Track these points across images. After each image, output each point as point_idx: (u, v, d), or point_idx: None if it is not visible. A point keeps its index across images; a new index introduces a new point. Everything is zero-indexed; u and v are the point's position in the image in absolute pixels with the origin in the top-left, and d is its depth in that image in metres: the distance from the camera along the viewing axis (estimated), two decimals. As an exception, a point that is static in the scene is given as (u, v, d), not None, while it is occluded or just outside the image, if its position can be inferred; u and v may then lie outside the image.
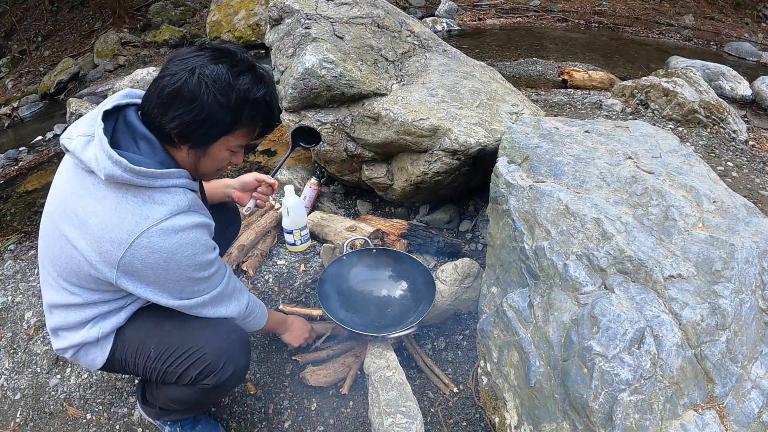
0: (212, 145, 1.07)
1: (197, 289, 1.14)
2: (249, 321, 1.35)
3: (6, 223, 3.01)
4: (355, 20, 2.45)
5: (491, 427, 1.49)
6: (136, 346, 1.21)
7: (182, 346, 1.19)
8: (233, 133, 1.07)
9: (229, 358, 1.21)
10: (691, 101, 3.28)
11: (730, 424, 1.08)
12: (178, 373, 1.19)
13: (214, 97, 0.98)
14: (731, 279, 1.19)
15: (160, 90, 0.99)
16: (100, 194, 1.01)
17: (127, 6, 8.34)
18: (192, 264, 1.06)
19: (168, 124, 1.00)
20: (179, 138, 1.04)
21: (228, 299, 1.24)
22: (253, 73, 1.05)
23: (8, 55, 8.11)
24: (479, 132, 2.00)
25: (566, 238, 1.34)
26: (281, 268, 2.15)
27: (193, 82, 0.97)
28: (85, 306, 1.15)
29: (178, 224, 1.03)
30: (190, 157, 1.09)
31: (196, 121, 1.00)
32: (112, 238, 1.00)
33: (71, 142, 1.02)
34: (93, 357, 1.23)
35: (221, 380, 1.21)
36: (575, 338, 1.17)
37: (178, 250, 1.03)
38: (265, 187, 1.52)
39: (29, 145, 4.52)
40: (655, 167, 1.56)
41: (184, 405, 1.30)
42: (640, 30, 7.90)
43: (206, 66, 0.99)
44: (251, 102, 1.03)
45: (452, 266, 1.85)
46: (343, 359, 1.70)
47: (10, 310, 2.10)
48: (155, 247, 1.01)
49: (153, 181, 1.01)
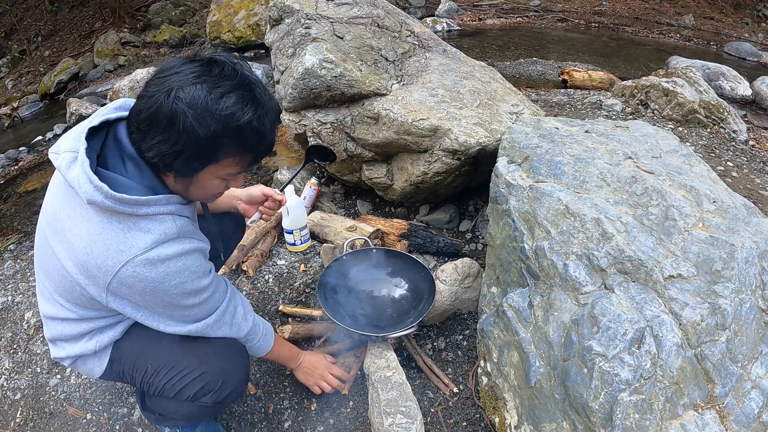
0: (198, 175, 0.97)
1: (189, 314, 1.10)
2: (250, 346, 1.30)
3: (6, 223, 3.01)
4: (355, 20, 2.45)
5: (491, 427, 1.49)
6: (133, 360, 1.19)
7: (179, 363, 1.17)
8: (219, 162, 0.96)
9: (228, 377, 1.20)
10: (691, 101, 3.28)
11: (730, 424, 1.08)
12: (175, 390, 1.18)
13: (190, 126, 0.87)
14: (731, 279, 1.19)
15: (137, 113, 0.91)
16: (86, 216, 0.95)
17: (127, 6, 8.34)
18: (181, 292, 1.02)
19: (147, 153, 0.92)
20: (162, 166, 0.95)
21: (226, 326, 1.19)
22: (239, 92, 0.90)
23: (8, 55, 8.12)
24: (479, 132, 2.00)
25: (566, 238, 1.34)
26: (281, 268, 2.15)
27: (168, 107, 0.86)
28: (81, 321, 1.14)
29: (164, 254, 0.96)
30: (179, 184, 1.01)
31: (174, 151, 0.90)
32: (98, 264, 0.95)
33: (57, 158, 0.95)
34: (91, 367, 1.22)
35: (219, 398, 1.20)
36: (575, 338, 1.17)
37: (165, 280, 0.98)
38: (271, 202, 1.49)
39: (29, 145, 4.52)
40: (655, 167, 1.56)
41: (183, 417, 1.30)
42: (640, 30, 7.90)
43: (183, 88, 0.87)
44: (233, 130, 0.90)
45: (452, 266, 1.85)
46: (343, 359, 1.70)
47: (10, 310, 2.10)
48: (141, 276, 0.96)
49: (137, 208, 0.94)
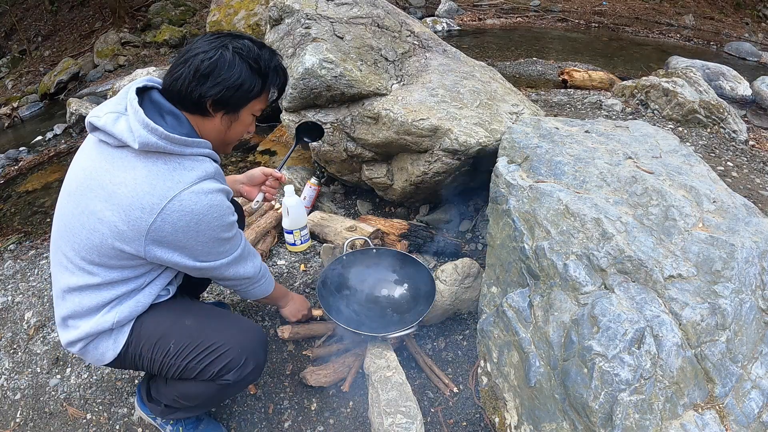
0: (244, 109, 1.19)
1: (222, 250, 1.20)
2: (261, 284, 1.41)
3: (6, 223, 3.01)
4: (355, 20, 2.45)
5: (491, 427, 1.49)
6: (155, 341, 1.21)
7: (204, 342, 1.21)
8: (260, 96, 1.20)
9: (251, 353, 1.24)
10: (691, 101, 3.28)
11: (730, 424, 1.08)
12: (199, 369, 1.20)
13: (248, 65, 1.13)
14: (731, 279, 1.19)
15: (198, 65, 1.10)
16: (130, 165, 1.08)
17: (127, 6, 8.34)
18: (220, 225, 1.13)
19: (208, 92, 1.11)
20: (215, 105, 1.14)
21: (246, 260, 1.30)
22: (267, 48, 1.22)
23: (8, 55, 8.11)
24: (479, 132, 2.00)
25: (566, 238, 1.34)
26: (281, 268, 2.15)
27: (229, 55, 1.11)
28: (102, 287, 1.16)
29: (208, 187, 1.10)
30: (223, 124, 1.19)
31: (235, 85, 1.12)
32: (142, 205, 1.05)
33: (100, 119, 1.09)
34: (103, 350, 1.22)
35: (242, 375, 1.23)
36: (575, 338, 1.17)
37: (209, 212, 1.10)
38: (272, 181, 1.59)
39: (29, 145, 4.51)
40: (655, 167, 1.56)
41: (198, 401, 1.31)
42: (640, 30, 7.90)
43: (235, 41, 1.14)
44: (273, 69, 1.19)
45: (452, 266, 1.85)
46: (344, 359, 1.70)
47: (10, 310, 2.10)
48: (188, 209, 1.07)
49: (184, 148, 1.10)
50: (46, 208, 3.09)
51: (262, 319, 1.92)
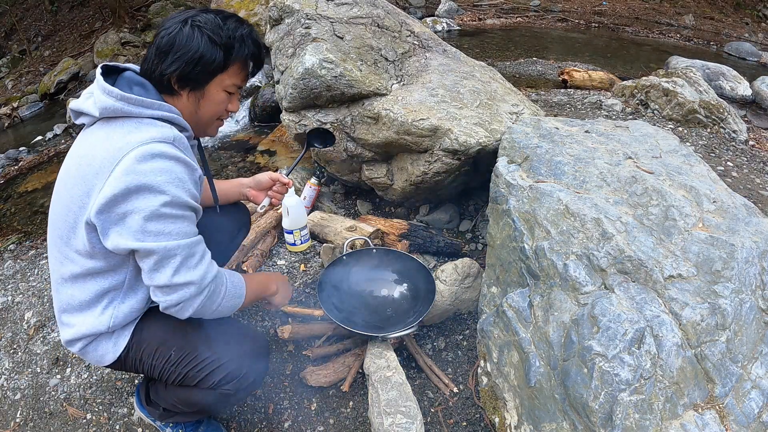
0: (209, 85, 1.14)
1: (163, 228, 1.03)
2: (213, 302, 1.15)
3: (6, 223, 3.01)
4: (355, 20, 2.45)
5: (491, 427, 1.49)
6: (155, 347, 1.20)
7: (205, 351, 1.19)
8: (227, 70, 1.14)
9: (251, 365, 1.23)
10: (691, 101, 3.28)
11: (730, 424, 1.08)
12: (199, 377, 1.19)
13: (207, 37, 1.09)
14: (731, 279, 1.19)
15: (158, 43, 1.09)
16: (92, 136, 1.07)
17: (127, 6, 8.33)
18: (164, 193, 1.01)
19: (168, 68, 1.09)
20: (179, 82, 1.11)
21: (192, 260, 1.08)
22: (236, 18, 1.16)
23: (8, 55, 8.11)
24: (479, 132, 2.00)
25: (566, 238, 1.34)
26: (281, 268, 2.15)
27: (187, 29, 1.09)
28: (87, 278, 1.13)
29: (157, 149, 1.02)
30: (190, 102, 1.15)
31: (193, 59, 1.09)
32: (96, 171, 1.02)
33: (76, 102, 1.11)
34: (103, 353, 1.20)
35: (242, 386, 1.22)
36: (575, 338, 1.17)
37: (151, 175, 1.00)
38: (279, 186, 1.57)
39: (29, 145, 4.51)
40: (655, 167, 1.56)
41: (198, 407, 1.30)
42: (640, 30, 7.90)
43: (196, 16, 1.11)
44: (239, 38, 1.13)
45: (452, 266, 1.85)
46: (343, 359, 1.70)
47: (10, 310, 2.10)
48: (130, 169, 0.99)
49: (143, 110, 1.06)
50: (46, 208, 3.08)
51: (262, 319, 1.92)
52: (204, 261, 1.12)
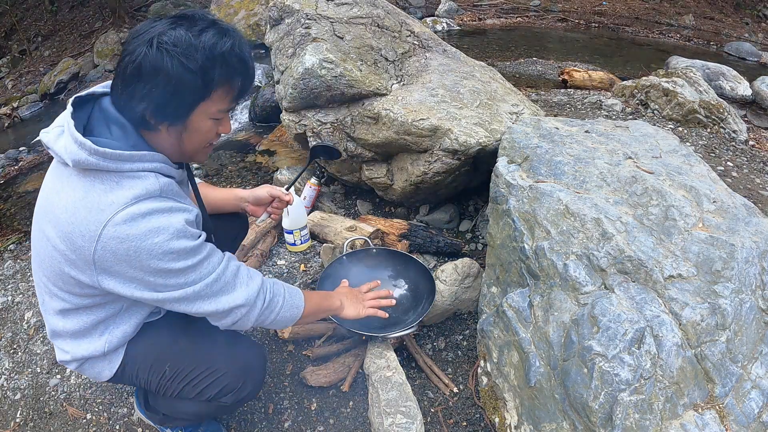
0: (191, 117, 0.98)
1: (180, 281, 0.99)
2: (271, 312, 1.15)
3: (6, 223, 3.01)
4: (355, 20, 2.45)
5: (491, 427, 1.49)
6: (150, 364, 1.18)
7: (200, 365, 1.17)
8: (210, 97, 0.97)
9: (249, 376, 1.21)
10: (691, 101, 3.28)
11: (730, 424, 1.08)
12: (196, 391, 1.18)
13: (179, 62, 0.90)
14: (731, 279, 1.19)
15: (123, 71, 0.92)
16: (70, 186, 0.95)
17: (127, 6, 8.34)
18: (164, 252, 0.93)
19: (137, 106, 0.93)
20: (154, 118, 0.96)
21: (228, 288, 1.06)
22: (215, 28, 0.95)
23: (8, 55, 8.11)
24: (479, 132, 2.00)
25: (566, 238, 1.34)
26: (281, 268, 2.15)
27: (153, 54, 0.89)
28: (80, 311, 1.08)
29: (146, 208, 0.92)
30: (171, 136, 1.00)
31: (166, 93, 0.92)
32: (82, 232, 0.92)
33: (47, 135, 0.98)
34: (99, 371, 1.18)
35: (239, 397, 1.21)
36: (575, 338, 1.17)
37: (147, 237, 0.91)
38: (279, 203, 1.51)
39: (29, 145, 4.51)
40: (655, 167, 1.56)
41: (196, 417, 1.30)
42: (640, 30, 7.90)
43: (163, 34, 0.91)
44: (219, 58, 0.94)
45: (452, 266, 1.85)
46: (344, 359, 1.70)
47: (10, 310, 2.10)
48: (122, 235, 0.91)
49: (121, 164, 0.93)
50: (46, 208, 3.09)
51: (262, 319, 1.92)
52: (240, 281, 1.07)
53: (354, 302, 1.49)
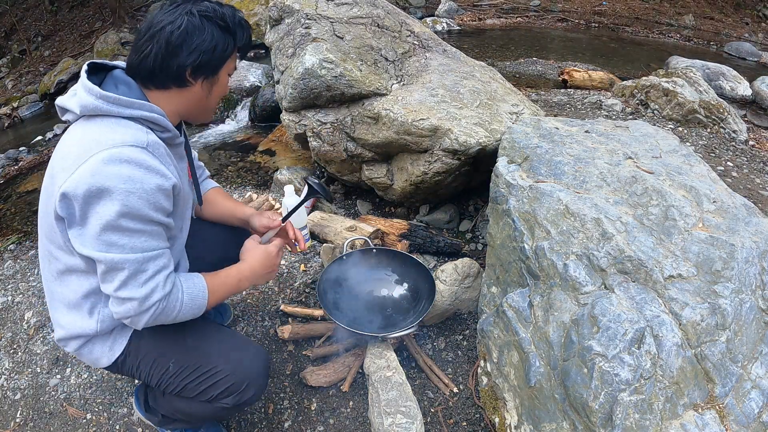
0: (220, 71, 1.15)
1: (117, 240, 0.99)
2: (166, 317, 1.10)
3: (6, 223, 3.01)
4: (355, 20, 2.45)
5: (491, 427, 1.49)
6: (154, 358, 1.19)
7: (205, 365, 1.18)
8: (232, 55, 1.17)
9: (252, 380, 1.21)
10: (691, 101, 3.28)
11: (730, 424, 1.08)
12: (198, 390, 1.18)
13: (217, 25, 1.10)
14: (731, 279, 1.19)
15: (168, 38, 1.06)
16: (71, 133, 1.06)
17: (127, 6, 8.34)
18: (124, 205, 0.96)
19: (186, 61, 1.07)
20: (194, 73, 1.10)
21: (144, 275, 1.03)
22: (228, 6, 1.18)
23: (8, 55, 8.11)
24: (479, 132, 2.00)
25: (566, 238, 1.34)
26: (281, 268, 2.15)
27: (197, 20, 1.08)
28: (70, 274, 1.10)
29: (127, 154, 0.97)
30: (204, 89, 1.15)
31: (210, 48, 1.09)
32: (65, 166, 0.99)
33: (62, 98, 1.09)
34: (98, 356, 1.19)
35: (241, 401, 1.21)
36: (575, 338, 1.17)
37: (113, 180, 0.95)
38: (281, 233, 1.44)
39: (29, 145, 4.51)
40: (655, 167, 1.56)
41: (195, 418, 1.30)
42: (640, 30, 7.90)
43: (197, 4, 1.10)
44: (239, 22, 1.15)
45: (452, 266, 1.85)
46: (344, 359, 1.70)
47: (10, 310, 2.10)
48: (95, 170, 0.95)
49: (121, 109, 1.03)
50: (46, 208, 3.09)
51: (262, 319, 1.92)
52: (154, 279, 1.04)
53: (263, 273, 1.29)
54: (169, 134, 1.12)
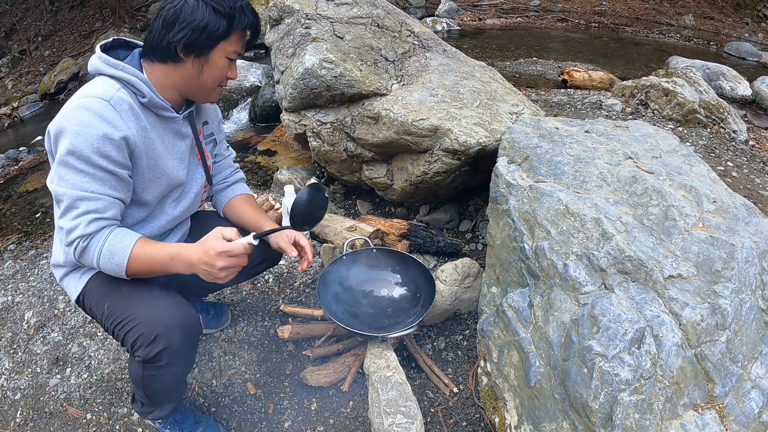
0: (213, 51, 1.21)
1: (63, 174, 1.11)
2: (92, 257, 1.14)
3: (6, 223, 3.01)
4: (355, 20, 2.45)
5: (491, 427, 1.49)
6: (97, 299, 1.26)
7: (126, 310, 1.20)
8: (229, 38, 1.21)
9: (162, 332, 1.15)
10: (691, 101, 3.28)
11: (730, 424, 1.08)
12: (120, 336, 1.21)
13: (211, 8, 1.17)
14: (731, 279, 1.19)
15: (165, 14, 1.17)
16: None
17: (127, 6, 8.34)
18: (72, 143, 1.09)
19: (175, 37, 1.16)
20: (185, 50, 1.18)
21: (75, 210, 1.11)
22: None
23: (8, 55, 8.11)
24: (479, 132, 2.00)
25: (566, 238, 1.34)
26: (281, 268, 2.15)
27: (192, 1, 1.17)
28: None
29: (88, 103, 1.12)
30: (195, 67, 1.22)
31: (199, 27, 1.16)
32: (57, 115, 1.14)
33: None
34: (71, 289, 1.31)
35: (150, 354, 1.16)
36: (575, 338, 1.17)
37: (71, 123, 1.10)
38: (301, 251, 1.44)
39: (29, 145, 4.51)
40: (655, 167, 1.56)
41: (139, 388, 1.30)
42: (640, 30, 7.90)
43: None
44: (239, 9, 1.21)
45: (452, 266, 1.85)
46: (344, 359, 1.70)
47: (10, 310, 2.10)
48: (64, 114, 1.12)
49: (111, 69, 1.18)
50: (47, 207, 3.09)
51: (262, 320, 1.92)
52: (81, 218, 1.11)
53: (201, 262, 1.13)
54: (146, 99, 1.21)
